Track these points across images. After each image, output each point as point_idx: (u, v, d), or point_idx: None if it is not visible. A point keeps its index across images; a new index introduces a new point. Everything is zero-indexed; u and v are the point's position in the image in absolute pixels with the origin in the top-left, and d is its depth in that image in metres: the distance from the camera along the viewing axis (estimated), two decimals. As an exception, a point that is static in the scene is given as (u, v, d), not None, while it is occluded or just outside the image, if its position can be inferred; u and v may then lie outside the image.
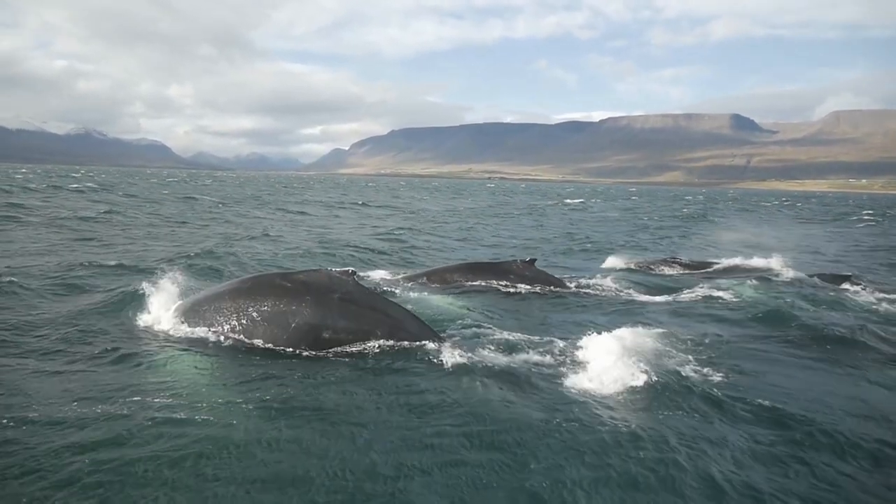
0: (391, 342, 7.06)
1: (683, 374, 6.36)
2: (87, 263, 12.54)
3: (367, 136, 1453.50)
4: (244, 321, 7.04)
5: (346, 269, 7.75)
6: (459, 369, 6.43)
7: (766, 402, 5.81)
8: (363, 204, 45.16)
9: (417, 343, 7.10)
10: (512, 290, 11.46)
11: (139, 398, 5.40)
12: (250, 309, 7.08)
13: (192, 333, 7.19)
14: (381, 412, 5.38)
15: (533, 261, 12.29)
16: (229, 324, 7.08)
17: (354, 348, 6.96)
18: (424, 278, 11.86)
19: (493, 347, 7.21)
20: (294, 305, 7.00)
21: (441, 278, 11.90)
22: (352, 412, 5.32)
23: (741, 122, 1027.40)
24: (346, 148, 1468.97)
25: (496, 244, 21.52)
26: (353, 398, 5.65)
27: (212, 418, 5.01)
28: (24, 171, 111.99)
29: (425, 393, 5.79)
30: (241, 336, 7.00)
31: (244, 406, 5.32)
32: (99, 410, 5.09)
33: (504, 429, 5.04)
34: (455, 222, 30.19)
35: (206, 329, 7.16)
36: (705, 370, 6.63)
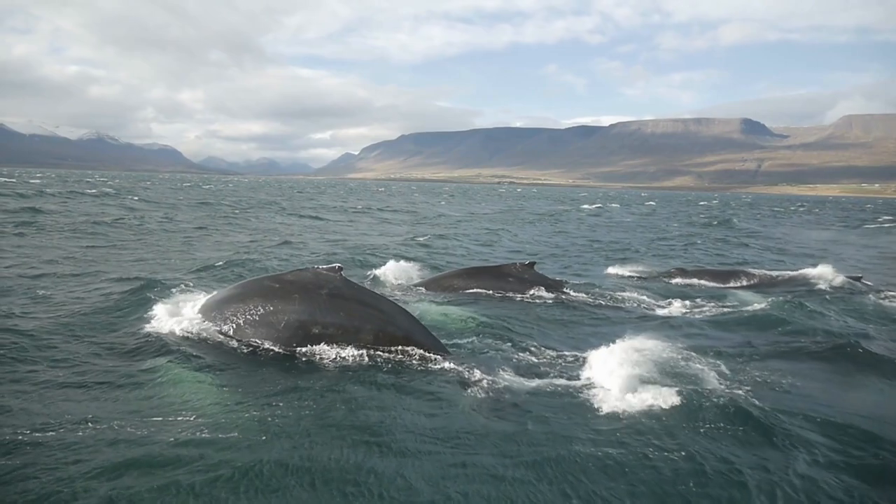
0: (401, 356, 6.92)
1: (719, 390, 5.98)
2: (106, 272, 12.37)
3: (376, 141, 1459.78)
4: (239, 324, 7.18)
5: (333, 265, 7.68)
6: (472, 383, 6.22)
7: (818, 419, 5.50)
8: (381, 209, 44.93)
9: (427, 354, 6.95)
10: (511, 293, 11.27)
11: (160, 417, 5.17)
12: (244, 312, 7.24)
13: (206, 342, 7.12)
14: (410, 432, 5.10)
15: (532, 264, 12.11)
16: (231, 328, 7.21)
17: (366, 360, 6.75)
18: (423, 287, 11.71)
19: (502, 361, 7.00)
20: (283, 304, 7.13)
21: (439, 284, 11.71)
22: (381, 432, 5.03)
23: (752, 127, 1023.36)
24: (356, 152, 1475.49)
25: (518, 250, 21.20)
26: (380, 416, 5.37)
27: (237, 436, 4.78)
28: (38, 175, 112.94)
29: (451, 415, 5.51)
30: (241, 338, 7.07)
31: (270, 422, 5.08)
32: (117, 428, 4.86)
33: (543, 458, 4.68)
34: (476, 228, 29.86)
35: (216, 335, 7.21)
36: (740, 385, 6.29)
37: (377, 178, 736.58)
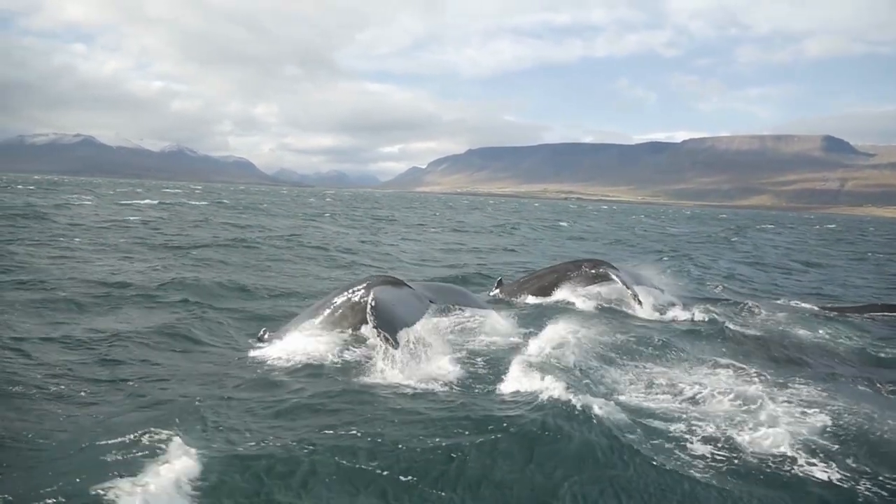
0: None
1: None
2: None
3: (444, 155, 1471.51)
4: None
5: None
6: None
7: None
8: (536, 227, 42.96)
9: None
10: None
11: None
12: None
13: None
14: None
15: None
16: None
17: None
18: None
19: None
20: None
21: None
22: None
23: (834, 144, 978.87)
24: (423, 166, 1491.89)
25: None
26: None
27: None
28: (175, 189, 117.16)
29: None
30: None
31: None
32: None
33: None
34: (695, 259, 22.62)
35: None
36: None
37: (444, 191, 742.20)
